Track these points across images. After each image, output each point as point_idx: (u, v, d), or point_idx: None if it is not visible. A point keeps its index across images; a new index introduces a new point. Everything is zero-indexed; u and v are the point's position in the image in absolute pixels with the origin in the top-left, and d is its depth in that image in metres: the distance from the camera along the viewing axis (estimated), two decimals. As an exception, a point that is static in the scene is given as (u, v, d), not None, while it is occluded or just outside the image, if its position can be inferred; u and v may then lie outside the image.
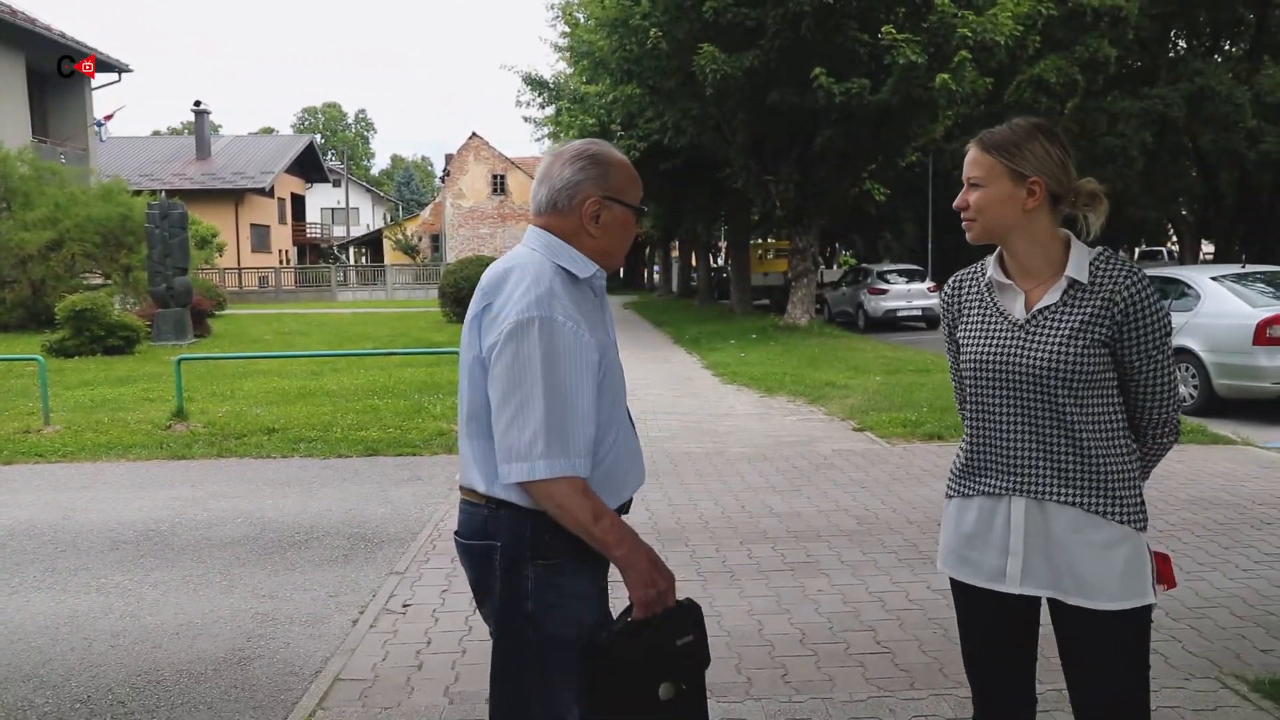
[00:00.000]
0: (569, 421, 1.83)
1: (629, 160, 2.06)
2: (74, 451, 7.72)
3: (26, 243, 19.95)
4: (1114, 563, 1.96)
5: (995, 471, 2.06)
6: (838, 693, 3.40)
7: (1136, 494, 2.01)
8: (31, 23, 24.16)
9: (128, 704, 3.36)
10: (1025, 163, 1.99)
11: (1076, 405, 1.98)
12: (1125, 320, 1.96)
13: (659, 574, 1.91)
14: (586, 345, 1.86)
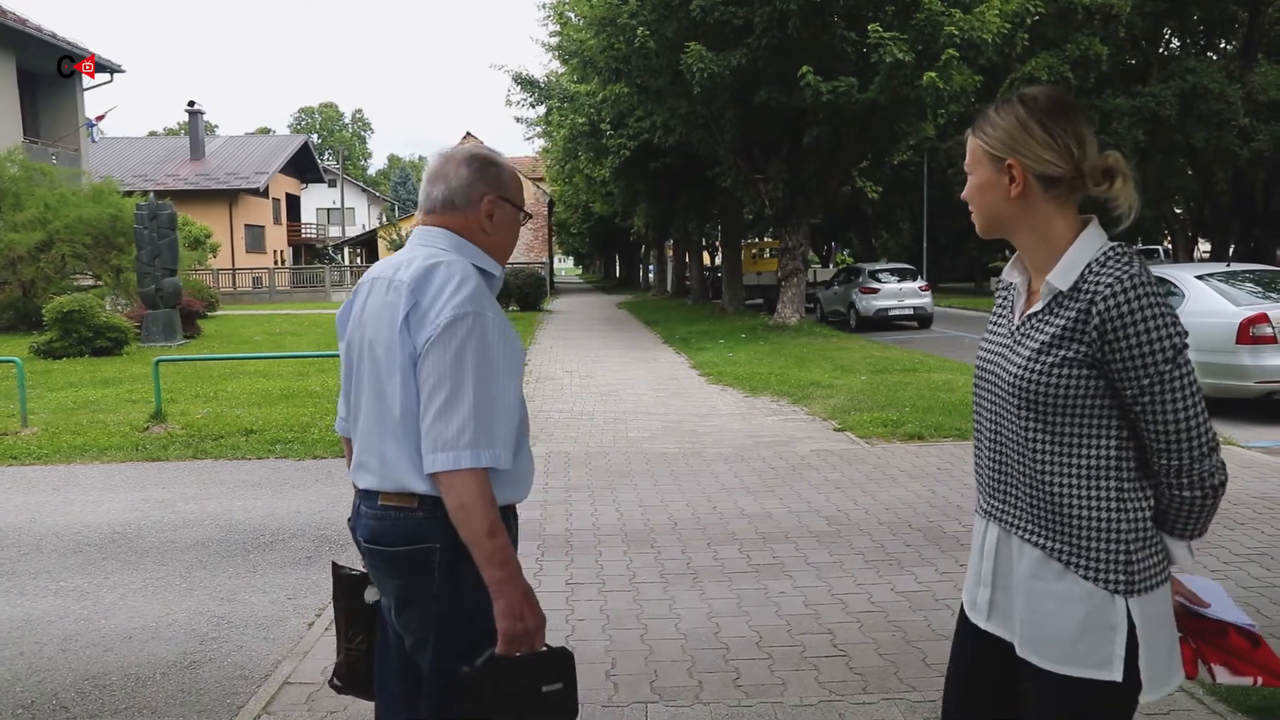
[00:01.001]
0: (496, 415, 1.87)
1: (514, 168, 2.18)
2: (49, 454, 7.69)
3: (16, 244, 19.89)
4: (1069, 620, 1.66)
5: (981, 491, 1.86)
6: (788, 697, 3.36)
7: (1119, 550, 1.65)
8: (22, 23, 24.11)
9: (71, 709, 3.33)
10: (1000, 144, 1.73)
11: (1046, 433, 1.68)
12: (1103, 337, 1.61)
13: (530, 610, 1.87)
14: (514, 344, 1.93)
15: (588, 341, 18.78)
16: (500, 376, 1.89)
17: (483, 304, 1.89)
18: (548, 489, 6.46)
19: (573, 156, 26.47)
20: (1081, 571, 1.66)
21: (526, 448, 2.05)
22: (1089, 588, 1.65)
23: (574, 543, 5.23)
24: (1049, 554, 1.69)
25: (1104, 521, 1.66)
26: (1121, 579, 1.64)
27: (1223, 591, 1.82)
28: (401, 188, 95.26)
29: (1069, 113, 1.71)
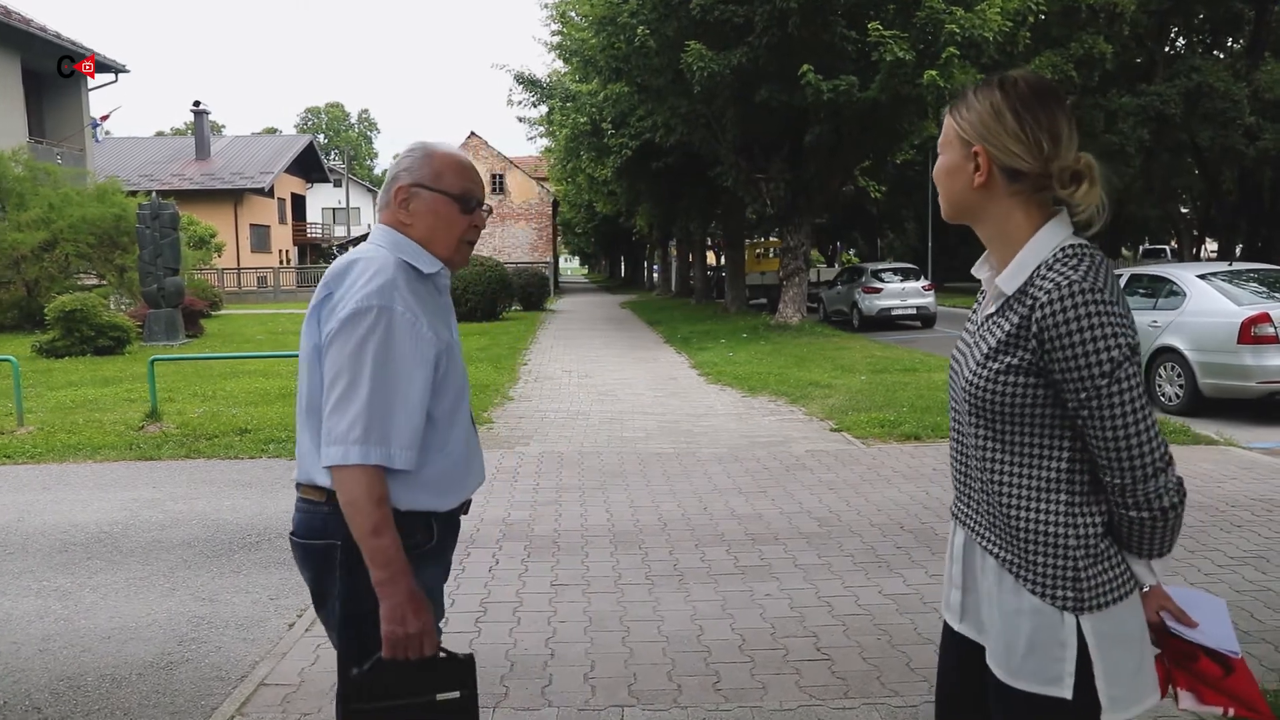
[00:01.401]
0: (394, 410, 1.82)
1: (458, 154, 2.04)
2: (43, 453, 7.68)
3: (20, 243, 19.94)
4: (1019, 633, 1.61)
5: (955, 489, 1.80)
6: (768, 701, 3.32)
7: (1067, 565, 1.57)
8: (26, 23, 24.17)
9: (44, 710, 3.31)
10: (970, 128, 1.62)
11: (997, 442, 1.62)
12: (1041, 346, 1.52)
13: (414, 615, 1.82)
14: (424, 338, 1.87)
15: (589, 341, 18.76)
16: (403, 373, 1.84)
17: (391, 298, 1.84)
18: (538, 489, 6.43)
19: (575, 156, 26.46)
20: (1030, 586, 1.59)
21: (460, 452, 1.99)
22: (1037, 603, 1.59)
23: (561, 544, 5.19)
24: (1003, 565, 1.63)
25: (1053, 536, 1.58)
26: (1070, 595, 1.57)
27: (1224, 612, 1.71)
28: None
29: (1049, 104, 1.60)
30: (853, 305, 22.02)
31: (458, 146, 2.08)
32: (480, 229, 2.09)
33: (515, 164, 49.11)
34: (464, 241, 2.04)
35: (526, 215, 48.93)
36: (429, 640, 1.84)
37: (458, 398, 1.99)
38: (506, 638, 3.89)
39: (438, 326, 1.94)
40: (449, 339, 1.99)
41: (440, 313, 2.00)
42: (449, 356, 1.96)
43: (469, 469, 2.04)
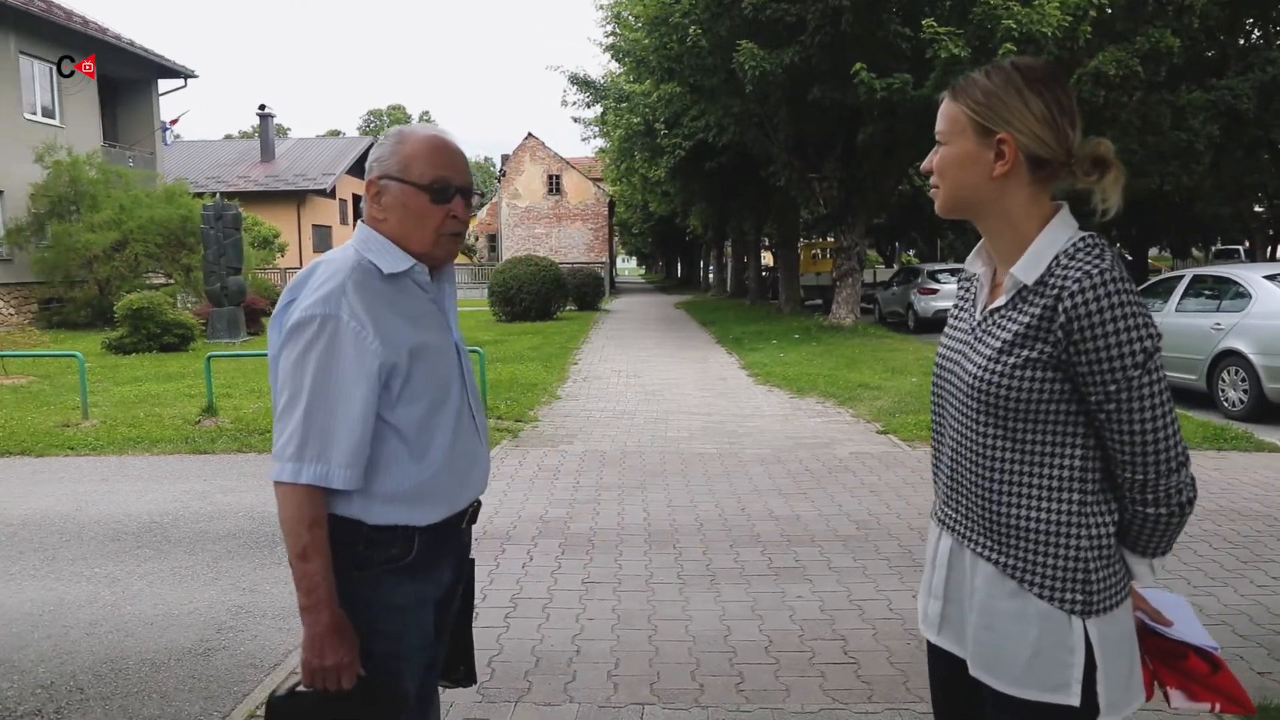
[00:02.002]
0: (334, 427, 1.73)
1: (431, 138, 1.87)
2: (104, 445, 7.95)
3: (93, 244, 20.65)
4: (1024, 641, 1.56)
5: (939, 495, 1.74)
6: (789, 703, 3.30)
7: (1077, 568, 1.54)
8: (102, 32, 25.00)
9: (86, 691, 3.43)
10: (993, 114, 1.55)
11: (1006, 439, 1.56)
12: (1068, 338, 1.48)
13: (331, 647, 1.73)
14: (366, 350, 1.75)
15: (640, 341, 18.78)
16: (344, 387, 1.73)
17: (337, 306, 1.73)
18: (578, 488, 6.46)
19: (629, 156, 26.50)
20: (1037, 590, 1.54)
21: (441, 462, 1.86)
22: (1045, 608, 1.54)
23: (596, 542, 5.21)
24: (1003, 570, 1.57)
25: (1064, 538, 1.54)
26: (1080, 599, 1.53)
27: (1188, 608, 1.71)
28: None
29: (1067, 89, 1.57)
30: (908, 306, 21.72)
31: (438, 129, 1.90)
32: (462, 219, 1.90)
33: (572, 164, 49.35)
34: (442, 235, 1.87)
35: (583, 215, 49.15)
36: (347, 674, 1.76)
37: (434, 405, 1.85)
38: (534, 634, 3.92)
39: (399, 331, 1.80)
40: (418, 342, 1.82)
41: (412, 314, 1.85)
42: (420, 360, 1.82)
43: (458, 479, 1.90)
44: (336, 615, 1.75)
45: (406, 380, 1.80)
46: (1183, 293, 10.64)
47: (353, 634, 1.78)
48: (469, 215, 1.97)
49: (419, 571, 1.86)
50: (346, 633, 1.77)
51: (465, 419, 1.93)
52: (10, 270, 22.10)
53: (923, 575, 1.79)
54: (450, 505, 1.89)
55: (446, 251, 1.91)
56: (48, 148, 21.60)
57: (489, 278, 26.85)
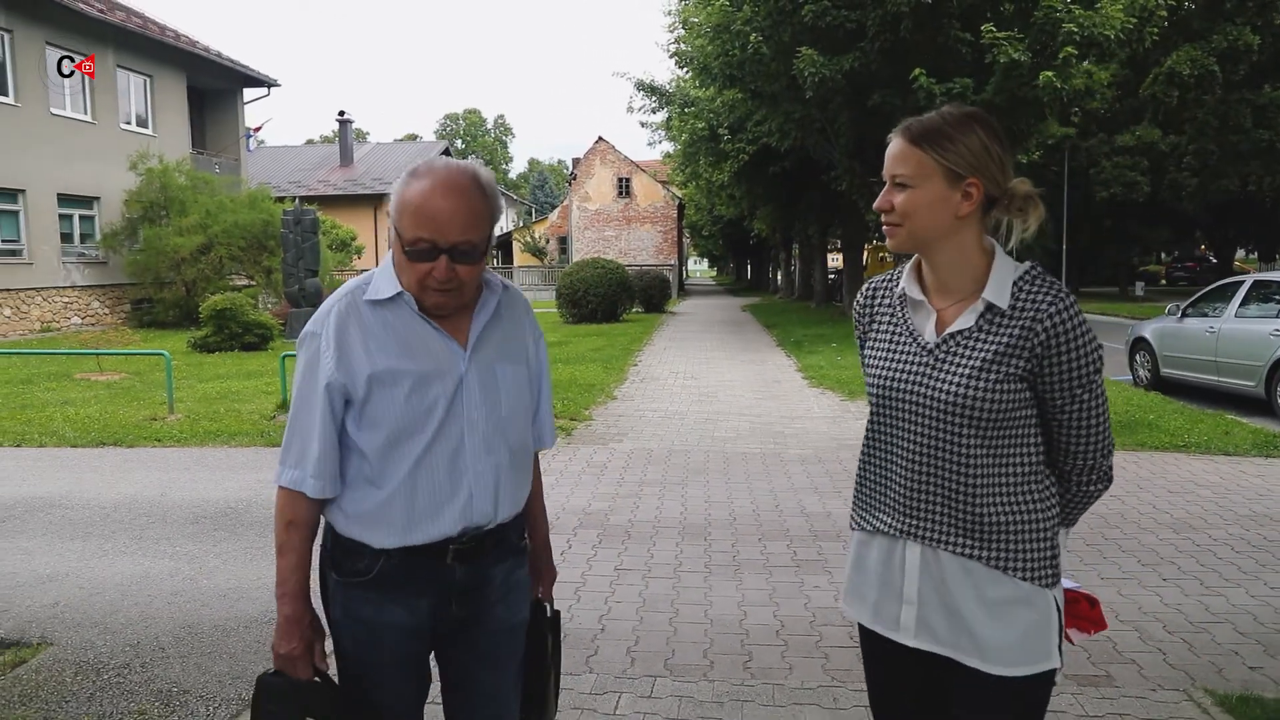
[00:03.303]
0: (302, 435, 1.86)
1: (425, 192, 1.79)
2: (187, 438, 8.55)
3: (181, 247, 21.74)
4: (1014, 623, 1.74)
5: (889, 510, 1.84)
6: (791, 680, 3.58)
7: (1046, 547, 1.77)
8: (192, 44, 26.25)
9: (167, 650, 3.88)
10: (962, 160, 1.72)
11: (983, 446, 1.74)
12: (1046, 352, 1.70)
13: (287, 636, 1.87)
14: (323, 367, 1.84)
15: (701, 343, 19.04)
16: (306, 398, 1.86)
17: (323, 324, 1.86)
18: (622, 483, 6.79)
19: (693, 161, 26.77)
20: (1020, 574, 1.74)
21: (397, 492, 1.86)
22: (1030, 589, 1.74)
23: (632, 533, 5.53)
24: (986, 563, 1.75)
25: (1034, 523, 1.76)
26: (1050, 573, 1.77)
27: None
28: (540, 190, 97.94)
29: (1002, 135, 1.79)
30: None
31: (449, 173, 1.81)
32: (445, 280, 1.81)
33: (641, 167, 49.79)
34: (426, 288, 1.83)
35: (652, 218, 49.55)
36: (300, 664, 1.87)
37: (399, 435, 1.85)
38: (564, 614, 4.25)
39: (361, 357, 1.84)
40: (385, 369, 1.84)
41: (402, 340, 1.86)
42: (383, 388, 1.84)
43: (418, 514, 1.87)
44: (297, 609, 1.88)
45: (363, 405, 1.84)
46: (1243, 298, 10.51)
47: (311, 630, 1.90)
48: (473, 272, 1.85)
49: (386, 592, 1.89)
50: (302, 627, 1.88)
51: (445, 455, 1.88)
52: (105, 272, 23.39)
53: (863, 586, 1.92)
54: (404, 537, 1.87)
55: (434, 303, 1.85)
56: (141, 156, 22.80)
57: (557, 280, 27.37)
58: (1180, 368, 11.32)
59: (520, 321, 2.04)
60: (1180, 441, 8.07)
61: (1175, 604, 4.38)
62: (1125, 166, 29.74)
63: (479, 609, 1.98)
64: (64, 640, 4.02)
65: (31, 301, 21.30)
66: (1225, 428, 8.65)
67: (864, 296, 1.98)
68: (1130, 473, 7.02)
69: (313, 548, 1.93)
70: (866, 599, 1.90)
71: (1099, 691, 3.48)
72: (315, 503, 1.89)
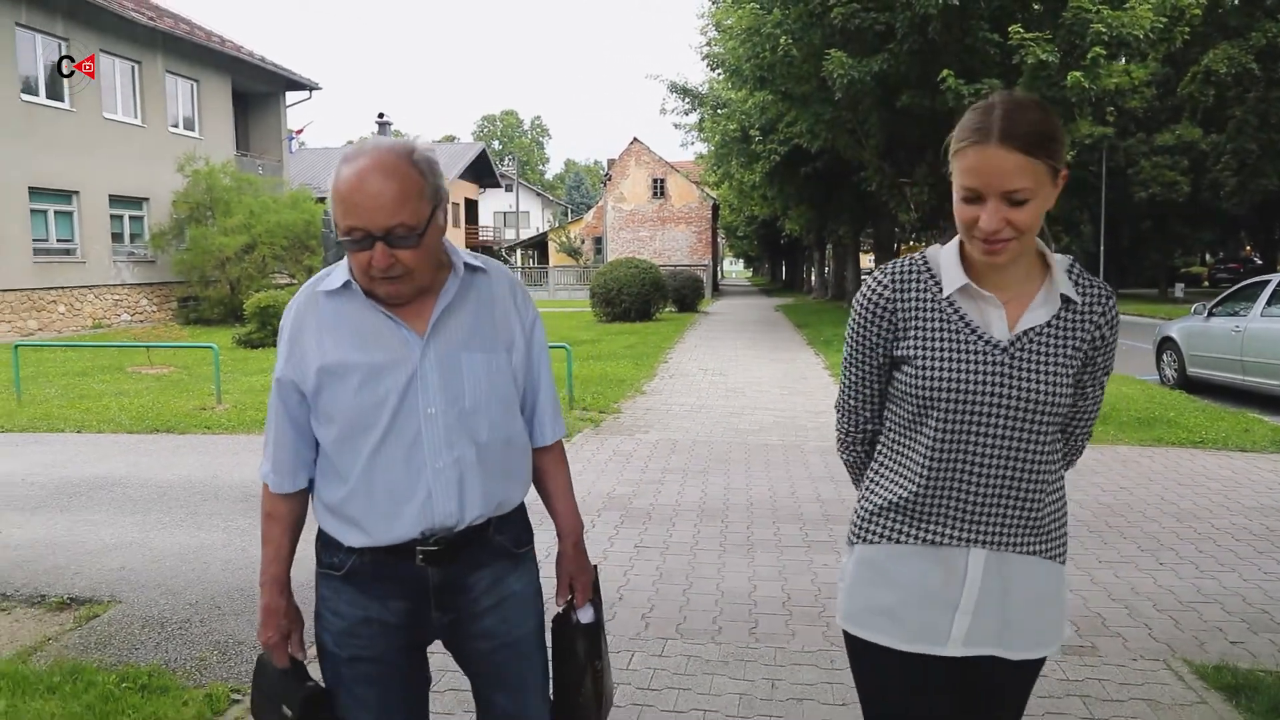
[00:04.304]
0: (269, 429, 1.88)
1: (349, 178, 1.68)
2: (234, 425, 8.99)
3: (225, 246, 22.41)
4: (1057, 603, 1.79)
5: (949, 518, 1.72)
6: (793, 644, 3.85)
7: (1066, 525, 1.81)
8: (237, 49, 26.98)
9: (223, 608, 4.25)
10: (1063, 154, 1.61)
11: (1052, 442, 1.72)
12: (1099, 347, 1.72)
13: (264, 623, 1.90)
14: (276, 362, 1.85)
15: (733, 342, 19.28)
16: (271, 394, 1.87)
17: (285, 318, 1.84)
18: (646, 470, 7.09)
19: (725, 162, 27.01)
20: (1059, 557, 1.77)
21: (359, 490, 1.78)
22: (1059, 568, 1.78)
23: (653, 515, 5.83)
24: (1043, 555, 1.75)
25: (1060, 507, 1.79)
26: (1064, 549, 1.80)
27: None
28: (575, 191, 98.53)
29: None
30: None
31: (375, 153, 1.69)
32: (387, 268, 1.69)
33: (675, 168, 50.06)
34: (371, 278, 1.73)
35: (686, 218, 49.80)
36: (276, 652, 1.89)
37: (353, 429, 1.77)
38: (586, 584, 4.56)
39: (310, 349, 1.78)
40: (335, 361, 1.76)
41: (356, 331, 1.78)
42: (334, 380, 1.77)
43: (377, 512, 1.78)
44: (273, 598, 1.89)
45: (315, 398, 1.79)
46: (1269, 297, 10.56)
47: (287, 620, 1.91)
48: (418, 257, 1.71)
49: (360, 589, 1.84)
50: (278, 617, 1.89)
51: (399, 450, 1.78)
52: (153, 271, 24.14)
53: (920, 604, 1.75)
54: (368, 535, 1.80)
55: (385, 292, 1.75)
56: (188, 158, 23.51)
57: (591, 279, 27.73)
58: (1207, 367, 11.38)
59: (495, 305, 1.88)
60: (1197, 438, 8.20)
61: (1168, 585, 4.59)
62: (1164, 166, 29.48)
63: (463, 616, 1.88)
64: (130, 599, 4.40)
65: (84, 299, 22.06)
66: (1245, 425, 8.76)
67: (885, 288, 1.76)
68: (1143, 466, 7.19)
69: (295, 539, 1.93)
70: (900, 617, 1.75)
71: (1081, 660, 3.71)
72: (290, 495, 1.87)
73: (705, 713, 3.27)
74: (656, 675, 3.56)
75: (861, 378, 1.84)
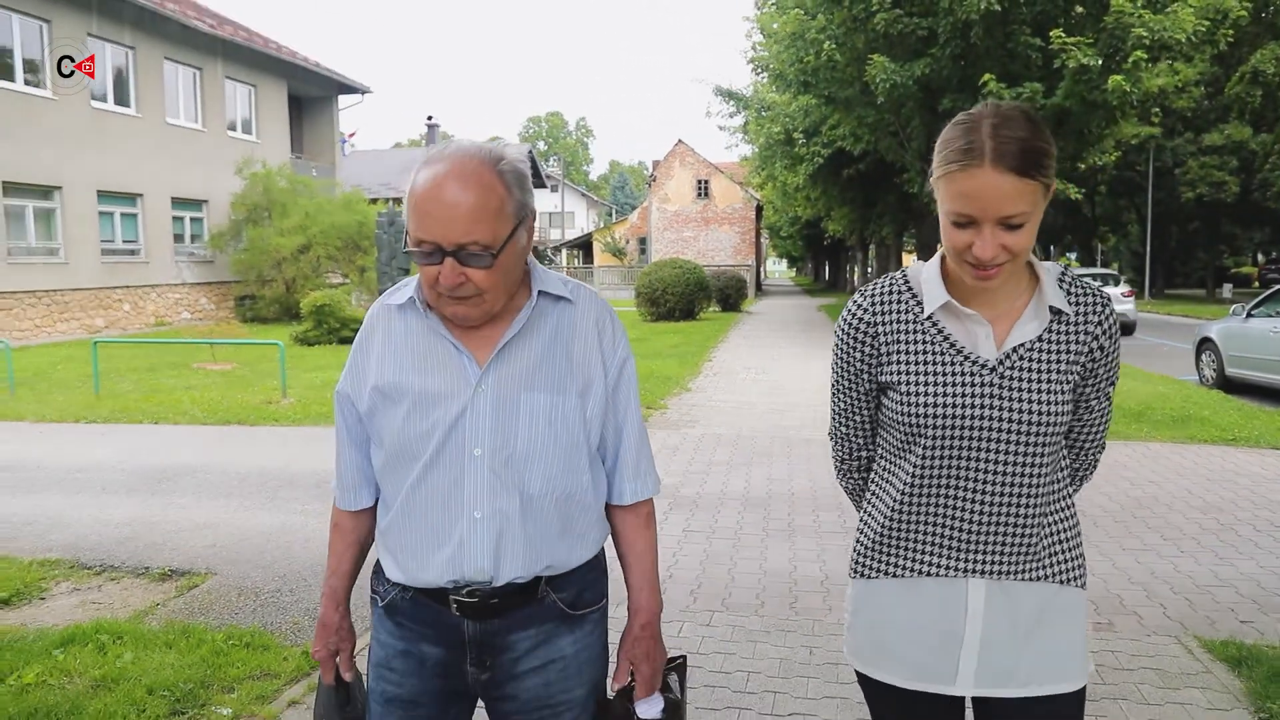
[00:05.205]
0: (336, 441, 1.81)
1: (427, 185, 1.54)
2: (301, 418, 9.51)
3: (282, 247, 23.14)
4: (1074, 632, 1.66)
5: (943, 548, 1.64)
6: (829, 618, 4.19)
7: (1080, 548, 1.70)
8: (293, 55, 27.78)
9: (309, 580, 4.70)
10: (1052, 167, 1.51)
11: (1047, 464, 1.61)
12: (1097, 358, 1.62)
13: (316, 639, 1.82)
14: (345, 376, 1.75)
15: (775, 341, 19.56)
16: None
17: (362, 330, 1.75)
18: (692, 462, 7.45)
19: (769, 164, 27.28)
20: (1075, 583, 1.67)
21: (399, 522, 1.66)
22: (1077, 594, 1.67)
23: (699, 503, 6.19)
24: (1050, 580, 1.64)
25: (1070, 529, 1.68)
26: (1083, 576, 1.69)
27: None
28: (620, 192, 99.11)
29: None
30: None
31: (458, 158, 1.55)
32: (454, 286, 1.54)
33: (720, 169, 50.29)
34: (438, 295, 1.58)
35: (730, 219, 49.99)
36: (324, 668, 1.81)
37: (399, 457, 1.65)
38: (638, 563, 4.94)
39: (368, 367, 1.68)
40: (390, 383, 1.64)
41: (418, 353, 1.65)
42: (387, 403, 1.65)
43: (412, 551, 1.65)
44: (327, 612, 1.80)
45: (368, 418, 1.69)
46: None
47: (338, 637, 1.80)
48: (491, 278, 1.56)
49: (399, 624, 1.71)
50: (329, 632, 1.79)
51: (439, 490, 1.63)
52: (212, 270, 24.98)
53: (921, 641, 1.67)
54: (402, 572, 1.67)
55: (452, 313, 1.60)
56: (246, 161, 24.30)
57: (636, 279, 28.13)
58: (1245, 367, 11.47)
59: (575, 341, 1.68)
60: (1230, 436, 8.37)
61: (1187, 571, 4.85)
62: (1212, 166, 29.17)
63: (503, 675, 1.69)
64: (224, 572, 4.87)
65: (147, 297, 22.92)
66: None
67: (864, 311, 1.69)
68: (1172, 462, 7.40)
69: (360, 556, 1.84)
70: (902, 655, 1.67)
71: (1097, 634, 4.01)
72: (354, 512, 1.80)
73: (749, 674, 3.63)
74: (704, 642, 3.93)
75: (849, 405, 1.76)
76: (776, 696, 3.44)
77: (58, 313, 20.26)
